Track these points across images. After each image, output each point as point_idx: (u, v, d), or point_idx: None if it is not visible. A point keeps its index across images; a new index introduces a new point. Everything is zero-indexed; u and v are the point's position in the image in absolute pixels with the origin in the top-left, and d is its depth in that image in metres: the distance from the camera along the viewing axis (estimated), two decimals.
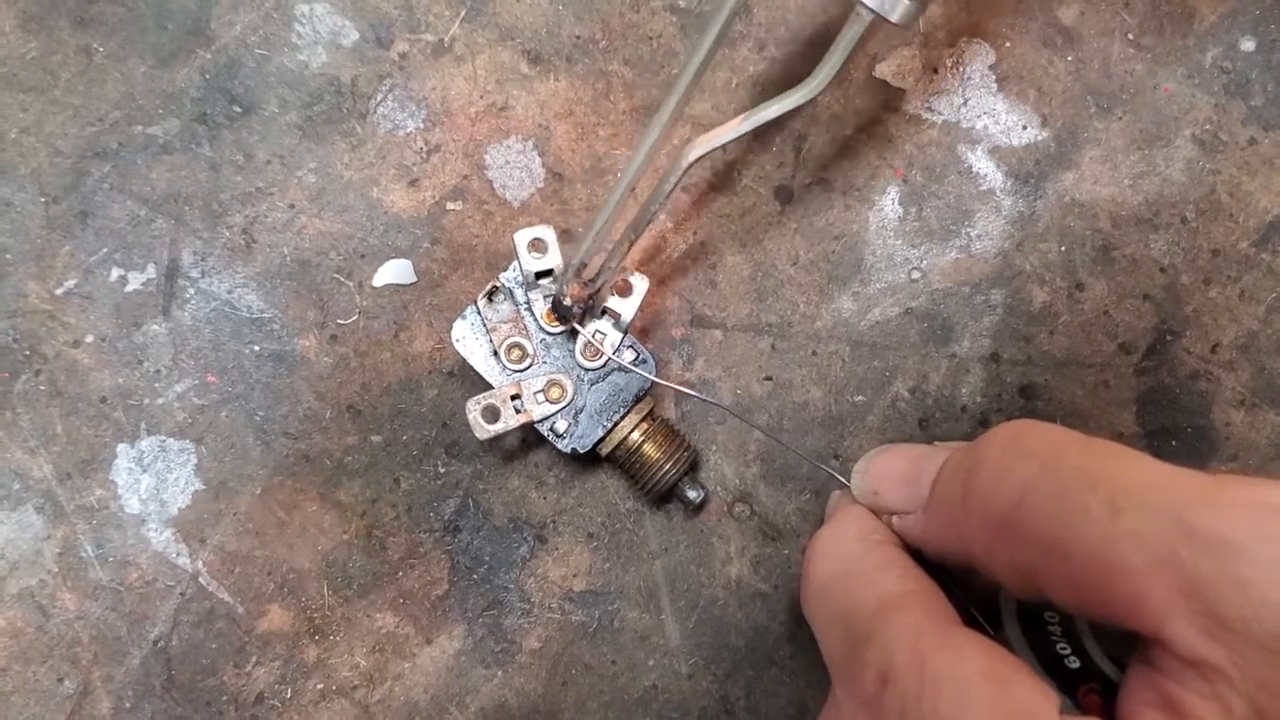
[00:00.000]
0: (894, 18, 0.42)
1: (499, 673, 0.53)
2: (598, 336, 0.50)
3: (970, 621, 0.42)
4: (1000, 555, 0.36)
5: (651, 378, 0.51)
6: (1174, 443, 0.55)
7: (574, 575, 0.54)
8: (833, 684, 0.40)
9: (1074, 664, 0.38)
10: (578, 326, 0.50)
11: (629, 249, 0.47)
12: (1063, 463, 0.34)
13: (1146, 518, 0.31)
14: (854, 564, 0.42)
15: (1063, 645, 0.39)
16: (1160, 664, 0.32)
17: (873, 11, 0.41)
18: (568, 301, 0.49)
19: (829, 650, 0.41)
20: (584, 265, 0.48)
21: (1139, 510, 0.32)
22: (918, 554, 0.42)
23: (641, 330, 0.55)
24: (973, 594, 0.41)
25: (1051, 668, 0.38)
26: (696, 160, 0.45)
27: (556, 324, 0.50)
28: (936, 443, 0.46)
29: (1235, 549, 0.29)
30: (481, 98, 0.55)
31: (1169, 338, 0.55)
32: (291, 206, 0.54)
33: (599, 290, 0.49)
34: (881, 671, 0.36)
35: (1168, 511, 0.31)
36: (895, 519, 0.43)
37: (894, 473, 0.43)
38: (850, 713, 0.38)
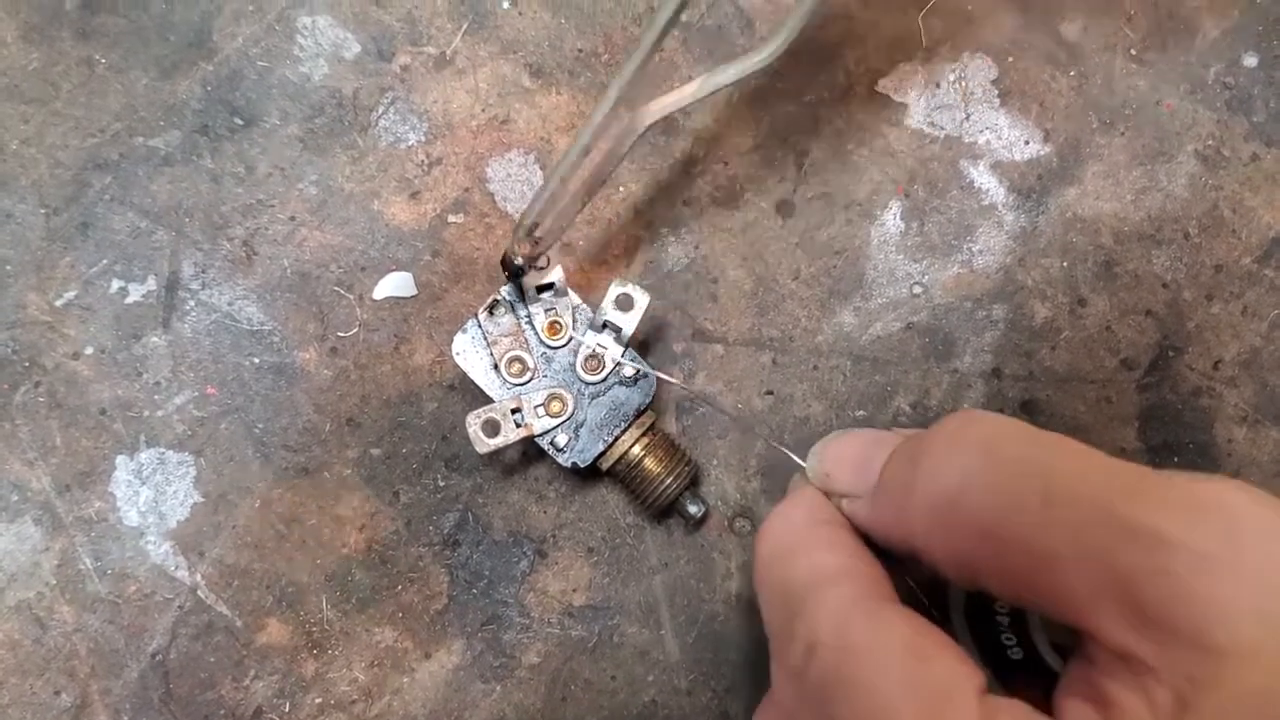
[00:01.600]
0: None
1: (498, 688, 0.53)
2: (599, 350, 0.50)
3: (919, 608, 0.42)
4: (939, 544, 0.36)
5: (661, 375, 0.50)
6: (1176, 459, 0.55)
7: (574, 590, 0.54)
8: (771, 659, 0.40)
9: (1016, 655, 0.38)
10: (579, 337, 0.50)
11: (579, 210, 0.48)
12: (1002, 453, 0.34)
13: (1080, 510, 0.31)
14: (796, 540, 0.42)
15: (1008, 636, 0.39)
16: (1092, 656, 0.32)
17: None
18: (519, 261, 0.48)
19: (769, 625, 0.41)
20: (536, 225, 0.47)
21: (1073, 502, 0.31)
22: (869, 539, 0.42)
23: (642, 344, 0.55)
24: (923, 581, 0.41)
25: (993, 658, 0.38)
26: (652, 124, 0.44)
27: (556, 337, 0.50)
28: (896, 429, 0.46)
29: (1165, 544, 0.29)
30: (483, 111, 0.55)
31: (1171, 354, 0.55)
32: (292, 219, 0.54)
33: (546, 249, 0.49)
34: (808, 643, 0.36)
35: (1101, 504, 0.31)
36: (845, 502, 0.42)
37: (847, 456, 0.42)
38: (781, 685, 0.38)
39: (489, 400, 0.50)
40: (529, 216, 0.47)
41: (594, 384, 0.50)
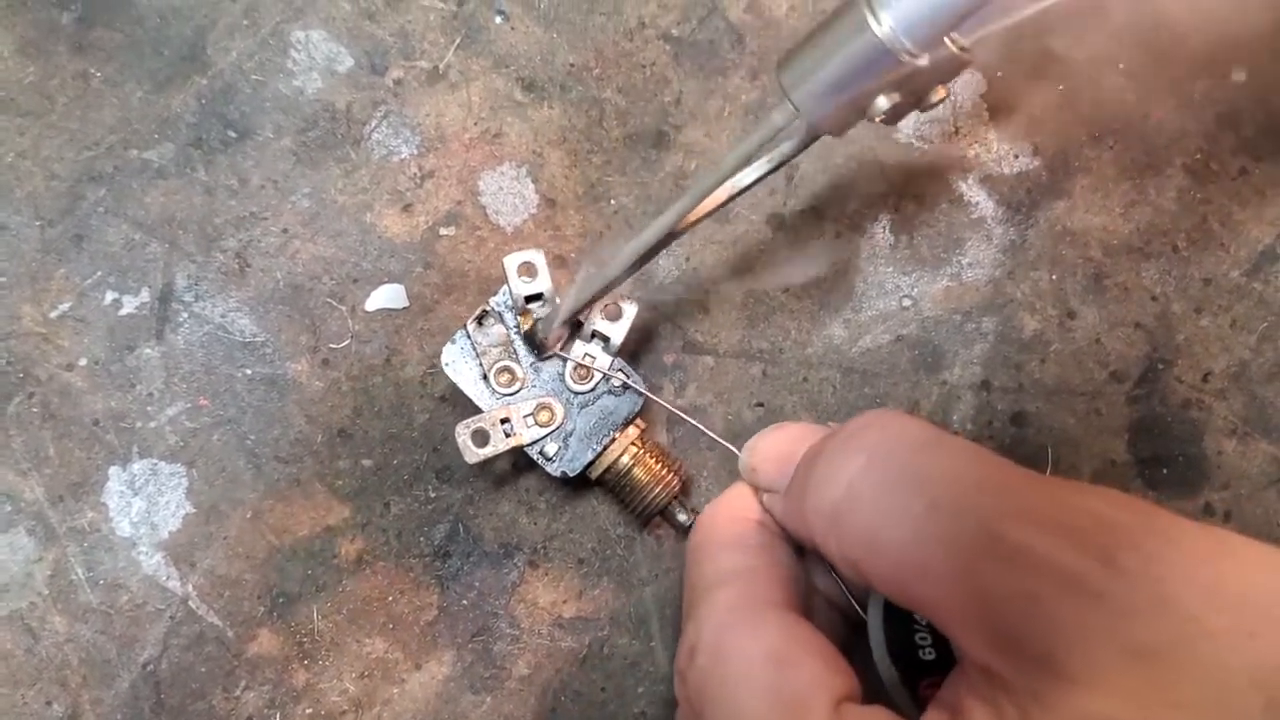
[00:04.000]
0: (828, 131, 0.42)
1: (488, 699, 0.53)
2: (587, 359, 0.50)
3: (842, 605, 0.43)
4: (831, 544, 0.36)
5: (643, 391, 0.51)
6: (1165, 471, 0.55)
7: (564, 601, 0.54)
8: None
9: (928, 656, 0.38)
10: (562, 354, 0.50)
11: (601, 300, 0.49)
12: (892, 459, 0.35)
13: (957, 523, 0.31)
14: (710, 538, 0.43)
15: (923, 636, 0.38)
16: (964, 665, 0.32)
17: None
18: (549, 345, 0.50)
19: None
20: (573, 318, 0.49)
21: (951, 514, 0.32)
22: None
23: (632, 355, 0.55)
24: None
25: (904, 657, 0.38)
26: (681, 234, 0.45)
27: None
28: (831, 423, 0.46)
29: (1030, 564, 0.29)
30: (475, 124, 0.56)
31: (1160, 366, 0.55)
32: (285, 231, 0.55)
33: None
34: (691, 645, 0.37)
35: (978, 518, 0.31)
36: (766, 498, 0.43)
37: (774, 451, 0.43)
38: (676, 687, 0.39)
39: (479, 411, 0.50)
40: (565, 311, 0.48)
41: (583, 393, 0.51)
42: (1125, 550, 0.28)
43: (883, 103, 0.38)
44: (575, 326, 0.51)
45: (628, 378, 0.51)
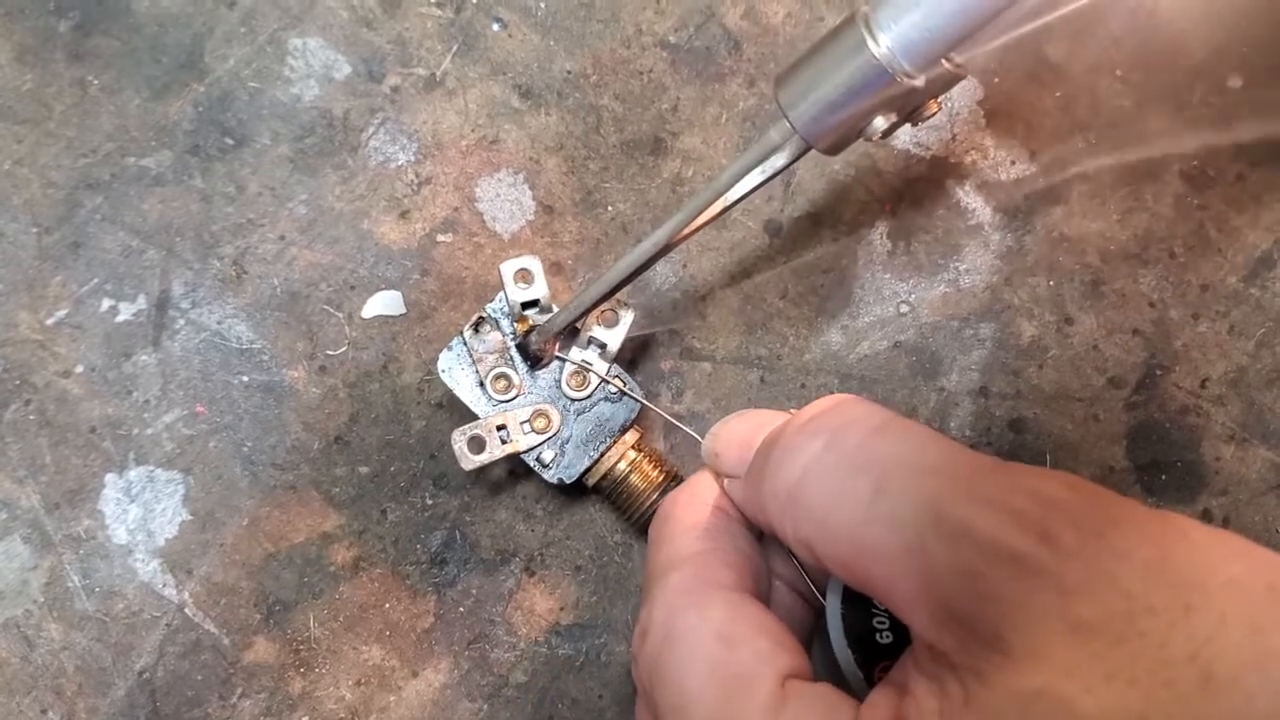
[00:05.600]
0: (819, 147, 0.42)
1: (485, 706, 0.53)
2: (584, 366, 0.50)
3: (802, 589, 0.43)
4: (788, 530, 0.36)
5: (639, 399, 0.51)
6: (1164, 477, 0.55)
7: (561, 608, 0.54)
8: None
9: (885, 639, 0.39)
10: (560, 355, 0.50)
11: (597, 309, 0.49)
12: (845, 442, 0.35)
13: (904, 503, 0.32)
14: (669, 523, 0.43)
15: (880, 620, 0.39)
16: (914, 645, 0.33)
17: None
18: (543, 356, 0.50)
19: None
20: (568, 328, 0.49)
21: (900, 496, 0.32)
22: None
23: (630, 362, 0.55)
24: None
25: (861, 641, 0.39)
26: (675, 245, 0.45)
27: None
28: (792, 409, 0.46)
29: (975, 542, 0.29)
30: (473, 131, 0.56)
31: (1158, 372, 0.55)
32: (282, 238, 0.55)
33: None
34: (644, 628, 0.37)
35: (925, 498, 0.31)
36: (727, 483, 0.43)
37: (736, 437, 0.43)
38: (632, 669, 0.39)
39: (476, 418, 0.50)
40: (559, 322, 0.48)
41: (579, 400, 0.51)
42: (1065, 528, 0.29)
43: (880, 123, 0.39)
44: (573, 333, 0.51)
45: (624, 384, 0.51)
